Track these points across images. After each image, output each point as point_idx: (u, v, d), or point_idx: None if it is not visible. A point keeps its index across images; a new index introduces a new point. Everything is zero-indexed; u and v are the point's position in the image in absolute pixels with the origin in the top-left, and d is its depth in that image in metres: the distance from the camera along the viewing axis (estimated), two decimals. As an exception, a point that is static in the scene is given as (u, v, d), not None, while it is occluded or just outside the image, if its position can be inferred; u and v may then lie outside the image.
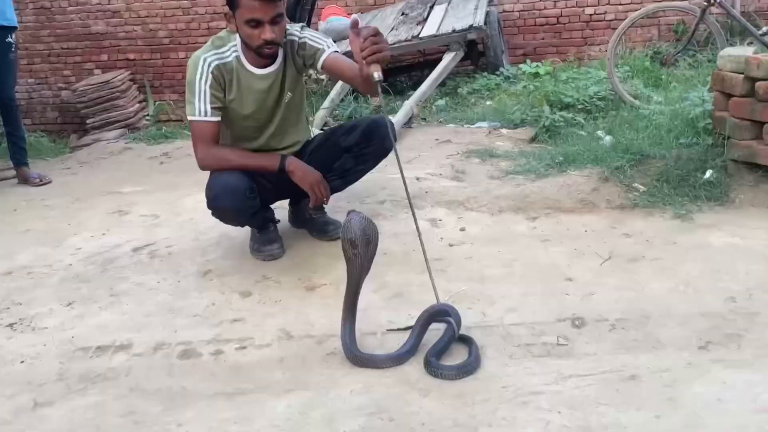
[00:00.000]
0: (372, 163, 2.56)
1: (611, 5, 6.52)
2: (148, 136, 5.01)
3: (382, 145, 2.46)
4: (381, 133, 2.43)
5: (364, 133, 2.46)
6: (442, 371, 1.73)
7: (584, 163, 3.05)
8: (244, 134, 2.44)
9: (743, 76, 2.74)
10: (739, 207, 2.65)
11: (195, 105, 2.27)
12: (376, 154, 2.51)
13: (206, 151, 2.31)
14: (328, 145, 2.53)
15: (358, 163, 2.52)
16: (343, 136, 2.50)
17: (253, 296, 2.23)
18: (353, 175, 2.58)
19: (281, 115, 2.43)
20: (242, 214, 2.38)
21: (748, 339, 1.79)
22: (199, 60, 2.27)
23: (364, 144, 2.47)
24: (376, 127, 2.45)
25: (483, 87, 5.35)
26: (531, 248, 2.45)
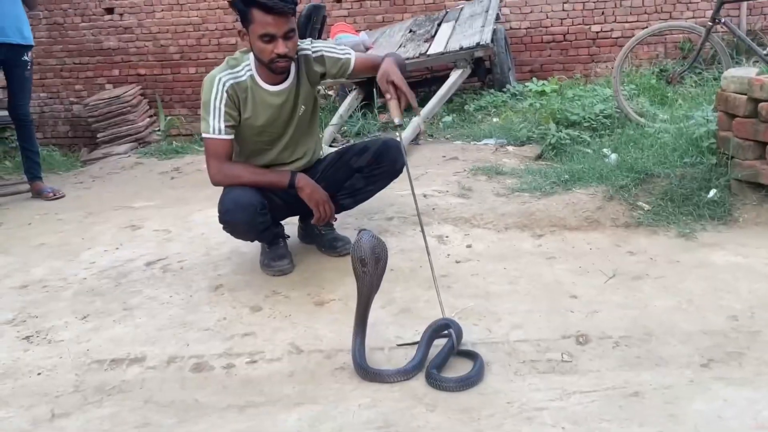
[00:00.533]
0: (382, 183, 2.62)
1: (617, 23, 6.59)
2: (159, 150, 5.09)
3: (393, 166, 2.54)
4: (392, 155, 2.51)
5: (375, 154, 2.53)
6: (442, 382, 1.78)
7: (589, 181, 3.09)
8: (257, 147, 2.49)
9: (747, 97, 2.79)
10: (742, 226, 2.69)
11: (210, 123, 2.33)
12: (386, 174, 2.58)
13: (219, 167, 2.37)
14: (339, 164, 2.59)
15: (368, 183, 2.59)
16: (354, 157, 2.56)
17: (263, 311, 2.27)
18: (363, 195, 2.64)
19: (294, 128, 2.49)
20: (253, 229, 2.43)
21: (749, 357, 1.82)
22: (215, 80, 2.33)
23: (375, 165, 2.53)
24: (386, 149, 2.52)
25: (490, 104, 5.41)
26: (536, 265, 2.49)
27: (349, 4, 6.98)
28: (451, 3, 6.79)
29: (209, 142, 2.36)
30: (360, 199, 2.66)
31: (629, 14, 6.54)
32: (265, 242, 2.59)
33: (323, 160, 2.67)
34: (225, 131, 2.34)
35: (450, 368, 1.86)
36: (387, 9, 6.93)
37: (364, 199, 2.67)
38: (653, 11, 6.50)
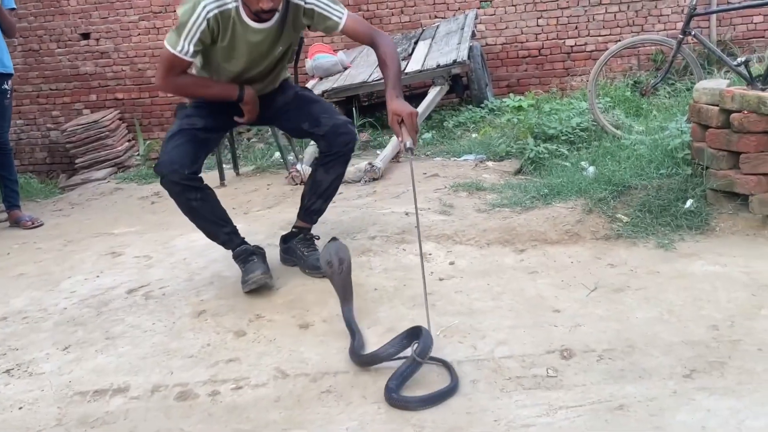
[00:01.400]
0: (339, 169, 2.65)
1: (591, 36, 6.70)
2: (139, 175, 5.06)
3: (345, 148, 2.59)
4: (342, 140, 2.56)
5: (325, 138, 2.58)
6: (402, 402, 1.80)
7: (568, 195, 3.12)
8: (222, 68, 2.49)
9: (718, 108, 2.84)
10: (719, 235, 2.73)
11: (180, 42, 2.29)
12: (341, 160, 2.62)
13: (168, 77, 2.38)
14: (293, 115, 2.64)
15: (327, 172, 2.62)
16: (308, 123, 2.60)
17: (247, 335, 2.26)
18: (329, 190, 2.67)
19: (266, 66, 2.51)
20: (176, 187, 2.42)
21: (730, 366, 1.84)
22: (199, 5, 2.28)
23: (327, 151, 2.60)
24: (335, 134, 2.56)
25: (468, 120, 5.46)
26: (519, 280, 2.50)
27: (326, 24, 7.02)
28: (427, 21, 6.86)
29: (171, 57, 2.32)
30: (328, 195, 2.69)
31: (602, 28, 6.66)
32: (219, 242, 2.62)
33: (282, 92, 2.67)
34: (191, 54, 2.33)
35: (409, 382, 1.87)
36: (364, 28, 6.97)
37: (331, 194, 2.70)
38: (625, 24, 6.62)
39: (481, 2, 6.79)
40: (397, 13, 6.92)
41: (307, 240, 2.71)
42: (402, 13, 6.93)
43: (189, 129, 2.48)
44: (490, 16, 6.79)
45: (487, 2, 6.79)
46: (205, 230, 2.60)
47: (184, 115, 2.54)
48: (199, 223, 2.57)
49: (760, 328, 2.02)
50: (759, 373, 1.80)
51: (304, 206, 2.72)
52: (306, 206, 2.71)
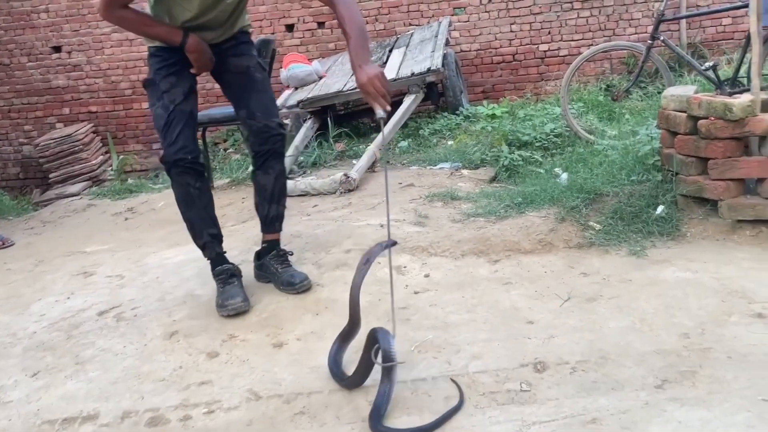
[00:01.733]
0: (277, 167, 2.63)
1: (564, 41, 6.76)
2: (112, 191, 5.00)
3: (273, 147, 2.59)
4: (268, 141, 2.57)
5: (251, 137, 2.60)
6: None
7: (542, 203, 3.14)
8: (175, 19, 2.45)
9: (686, 115, 2.87)
10: (690, 241, 2.75)
11: None
12: (272, 158, 2.61)
13: (111, 9, 2.36)
14: (234, 89, 2.61)
15: (266, 174, 2.62)
16: (244, 111, 2.58)
17: (220, 356, 2.23)
18: (276, 192, 2.67)
19: (219, 13, 2.47)
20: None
21: (701, 375, 1.85)
22: None
23: (258, 154, 2.60)
24: (260, 138, 2.57)
25: (444, 127, 5.48)
26: (493, 292, 2.50)
27: (300, 33, 7.02)
28: (401, 29, 6.88)
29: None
30: (278, 198, 2.68)
31: (575, 32, 6.73)
32: (203, 251, 2.61)
33: (239, 54, 2.61)
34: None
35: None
36: (339, 37, 6.98)
37: (280, 195, 2.69)
38: (597, 29, 6.69)
39: (455, 9, 6.83)
40: (372, 21, 6.93)
41: (281, 256, 2.70)
42: (376, 21, 6.95)
43: (176, 109, 2.47)
44: (464, 22, 6.83)
45: (461, 9, 6.83)
46: (193, 225, 2.57)
47: (160, 92, 2.49)
48: (190, 215, 2.56)
49: (730, 335, 2.03)
50: (729, 381, 1.81)
51: (261, 218, 2.71)
52: (263, 217, 2.70)
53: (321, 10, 6.95)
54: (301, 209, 3.69)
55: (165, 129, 2.47)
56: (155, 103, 2.51)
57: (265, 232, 2.72)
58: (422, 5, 6.86)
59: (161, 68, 2.48)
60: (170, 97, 2.48)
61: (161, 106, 2.49)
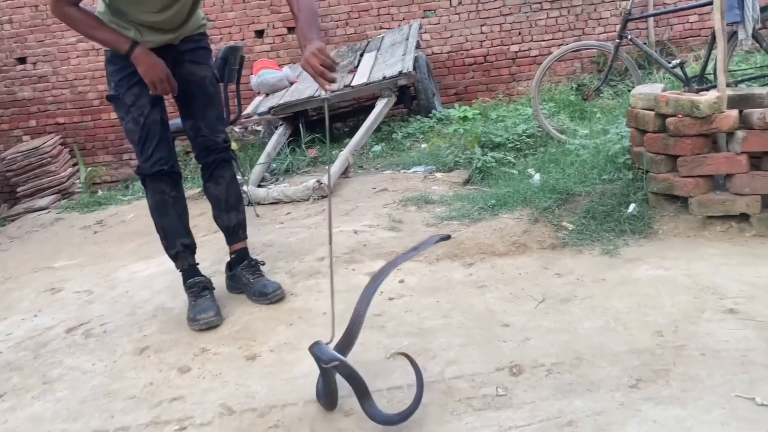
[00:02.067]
0: (226, 173, 2.61)
1: (534, 41, 6.79)
2: (81, 204, 4.91)
3: (219, 156, 2.58)
4: (211, 153, 2.57)
5: (199, 149, 2.58)
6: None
7: (515, 205, 3.13)
8: (128, 18, 2.38)
9: (654, 113, 2.89)
10: (662, 238, 2.77)
11: None
12: (221, 167, 2.59)
13: (59, 5, 2.28)
14: (190, 102, 2.54)
15: (218, 184, 2.60)
16: (190, 122, 2.55)
17: (192, 371, 2.19)
18: (232, 199, 2.64)
19: (175, 12, 2.40)
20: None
21: (675, 373, 1.85)
22: None
23: (205, 165, 2.59)
24: (207, 150, 2.56)
25: (417, 130, 5.46)
26: (468, 296, 2.49)
27: (270, 38, 6.97)
28: (372, 32, 6.86)
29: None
30: (235, 204, 2.65)
31: (545, 33, 6.76)
32: (175, 261, 2.57)
33: (196, 61, 2.53)
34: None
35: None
36: (309, 41, 6.93)
37: (237, 201, 2.66)
38: (567, 28, 6.73)
39: (426, 12, 6.83)
40: (342, 26, 6.90)
41: (252, 266, 2.66)
42: (347, 25, 6.92)
43: (147, 122, 2.42)
44: (435, 25, 6.83)
45: (432, 12, 6.83)
46: (166, 233, 2.54)
47: (126, 106, 2.43)
48: (163, 223, 2.53)
49: (703, 332, 2.04)
50: (702, 379, 1.81)
51: (223, 229, 2.68)
52: (224, 228, 2.67)
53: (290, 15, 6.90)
54: (274, 217, 3.65)
55: (139, 144, 2.44)
56: (124, 117, 2.46)
57: (231, 242, 2.69)
58: (392, 8, 6.85)
59: (121, 80, 2.40)
60: (138, 110, 2.42)
61: (131, 121, 2.44)
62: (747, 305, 2.17)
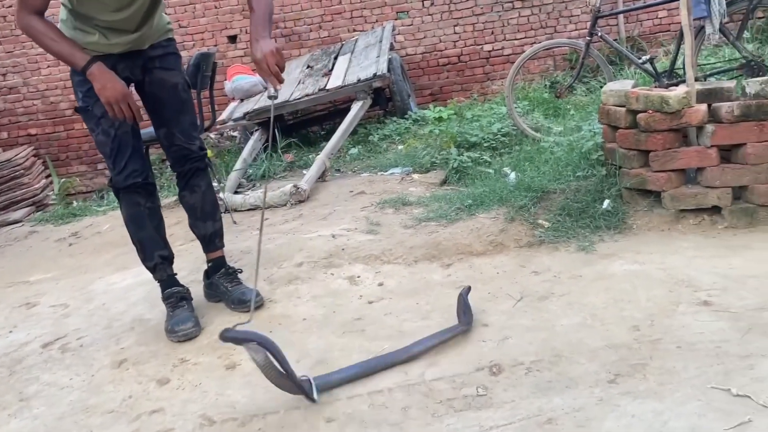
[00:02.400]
0: (202, 180, 2.58)
1: (507, 41, 6.85)
2: (55, 216, 4.83)
3: (194, 164, 2.55)
4: (190, 163, 2.54)
5: (174, 159, 2.54)
6: None
7: (491, 204, 3.15)
8: (89, 20, 2.32)
9: (626, 109, 2.93)
10: (636, 233, 2.80)
11: None
12: (196, 176, 2.56)
13: (22, 15, 2.23)
14: (162, 111, 2.50)
15: (194, 192, 2.57)
16: (164, 130, 2.51)
17: (171, 382, 2.17)
18: (208, 207, 2.60)
19: (131, 13, 2.32)
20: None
21: (652, 367, 1.88)
22: None
23: (181, 175, 2.56)
24: (184, 159, 2.53)
25: (393, 132, 5.47)
26: (447, 296, 2.49)
27: (244, 43, 6.94)
28: (346, 35, 6.86)
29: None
30: (211, 213, 2.62)
31: (517, 32, 6.82)
32: (153, 274, 2.54)
33: (166, 67, 2.48)
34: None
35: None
36: (283, 45, 6.93)
37: (213, 210, 2.63)
38: (539, 27, 6.79)
39: (398, 14, 6.85)
40: (316, 29, 6.90)
41: (230, 274, 2.64)
42: (320, 29, 6.92)
43: (119, 134, 2.38)
44: (408, 26, 6.85)
45: (404, 13, 6.85)
46: (143, 246, 2.51)
47: (96, 118, 2.37)
48: (140, 235, 2.49)
49: (678, 325, 2.07)
50: (679, 371, 1.83)
51: (200, 238, 2.65)
52: (201, 237, 2.64)
53: (263, 19, 6.88)
54: (251, 224, 3.63)
55: (111, 156, 2.40)
56: (95, 129, 2.41)
57: (208, 251, 2.66)
58: (365, 11, 6.86)
59: (89, 90, 2.32)
60: (108, 121, 2.37)
61: (102, 132, 2.39)
62: (720, 297, 2.20)
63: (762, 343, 1.91)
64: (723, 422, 1.59)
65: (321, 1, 6.84)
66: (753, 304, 2.13)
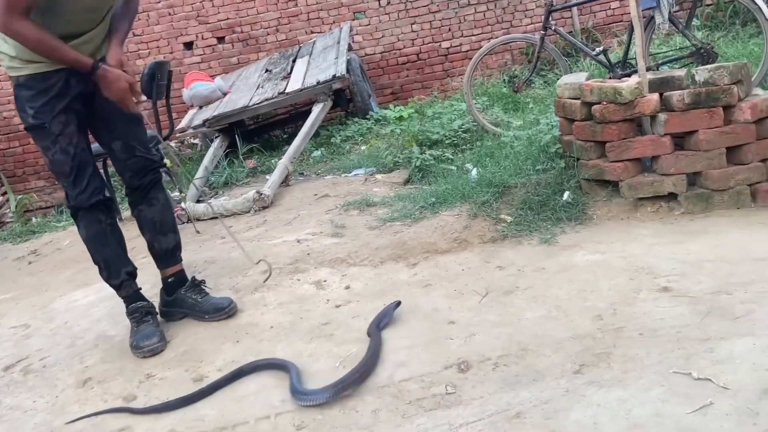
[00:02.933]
0: (159, 193, 2.54)
1: (465, 36, 6.89)
2: (13, 234, 4.71)
3: (148, 179, 2.49)
4: (149, 175, 2.50)
5: (133, 172, 2.47)
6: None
7: (454, 201, 3.17)
8: (54, 24, 2.23)
9: (581, 102, 2.97)
10: (597, 223, 2.85)
11: None
12: (152, 186, 2.51)
13: (12, 18, 2.08)
14: (116, 124, 2.42)
15: (152, 205, 2.51)
16: (120, 143, 2.43)
17: (138, 399, 2.13)
18: (167, 220, 2.55)
19: (94, 16, 2.28)
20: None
21: (616, 355, 1.91)
22: None
23: (135, 185, 2.49)
24: (144, 171, 2.48)
25: (356, 133, 5.46)
26: (414, 296, 2.50)
27: (201, 50, 6.86)
28: (304, 37, 6.83)
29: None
30: (170, 226, 2.56)
31: (474, 27, 6.86)
32: (117, 291, 2.48)
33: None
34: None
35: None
36: (241, 50, 6.87)
37: (171, 222, 2.58)
38: (495, 22, 6.85)
39: (355, 14, 6.84)
40: (273, 32, 6.86)
41: (196, 286, 2.60)
42: (278, 32, 6.87)
43: (78, 153, 2.31)
44: (366, 26, 6.85)
45: (361, 13, 6.85)
46: (108, 264, 2.44)
47: (53, 136, 2.28)
48: (105, 254, 2.43)
49: (640, 312, 2.11)
50: (642, 358, 1.87)
51: (160, 253, 2.56)
52: (162, 251, 2.56)
53: (219, 24, 6.81)
54: (215, 232, 3.59)
55: (71, 175, 2.32)
56: (50, 148, 2.30)
57: (168, 266, 2.59)
58: (322, 12, 6.84)
59: (43, 106, 2.25)
60: (66, 139, 2.29)
61: (60, 151, 2.29)
62: (679, 282, 2.25)
63: (720, 326, 1.95)
64: (685, 406, 1.63)
65: (277, 4, 6.80)
66: (710, 287, 2.18)
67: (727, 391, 1.65)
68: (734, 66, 2.78)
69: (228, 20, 6.80)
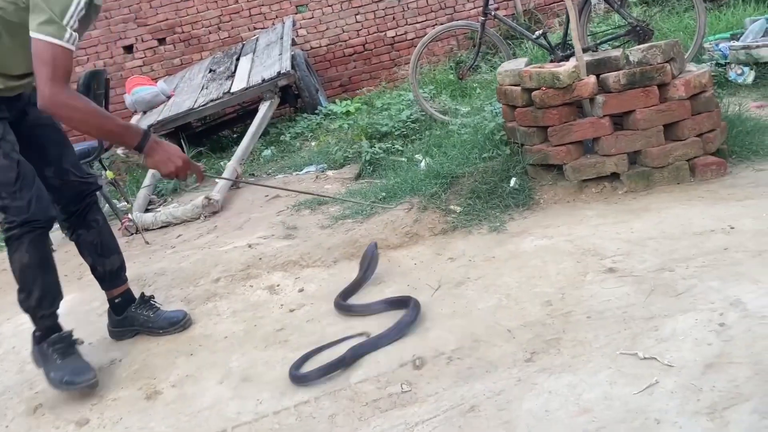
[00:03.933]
0: (98, 214, 2.43)
1: (409, 25, 6.89)
2: (-44, 255, 4.55)
3: (90, 198, 2.39)
4: (86, 198, 2.38)
5: (69, 196, 2.34)
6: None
7: (404, 195, 3.17)
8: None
9: (521, 88, 2.99)
10: (543, 207, 2.89)
11: (65, 27, 1.86)
12: (90, 209, 2.40)
13: (62, 89, 1.88)
14: (47, 150, 2.29)
15: (91, 228, 2.39)
16: (53, 169, 2.29)
17: (91, 422, 2.08)
18: (108, 241, 2.44)
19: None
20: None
21: (565, 341, 1.94)
22: None
23: (72, 208, 2.36)
24: (80, 195, 2.37)
25: (305, 129, 5.43)
26: (368, 294, 2.50)
27: (141, 53, 6.70)
28: (247, 34, 6.74)
29: (62, 53, 1.86)
30: (112, 246, 2.46)
31: (418, 15, 6.86)
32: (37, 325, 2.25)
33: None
34: (76, 40, 1.88)
35: None
36: (183, 51, 6.74)
37: (112, 242, 2.46)
38: (438, 8, 6.86)
39: (298, 7, 6.77)
40: (215, 31, 6.74)
41: (147, 302, 2.54)
42: (219, 30, 6.76)
43: (20, 159, 2.10)
44: (309, 19, 6.78)
45: (304, 6, 6.78)
46: (47, 292, 2.21)
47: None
48: (47, 281, 2.20)
49: (587, 295, 2.14)
50: (590, 341, 1.90)
51: (105, 274, 2.46)
52: (106, 273, 2.46)
53: (159, 26, 6.66)
54: (165, 242, 3.53)
55: (19, 183, 2.08)
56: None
57: (113, 287, 2.50)
58: (264, 7, 6.75)
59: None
60: (9, 145, 2.11)
61: (3, 156, 2.08)
62: (624, 262, 2.30)
63: (664, 304, 2.00)
64: (633, 387, 1.67)
65: (217, 2, 6.69)
66: (653, 265, 2.23)
67: (672, 369, 1.69)
68: (666, 44, 2.83)
69: (168, 21, 6.66)
